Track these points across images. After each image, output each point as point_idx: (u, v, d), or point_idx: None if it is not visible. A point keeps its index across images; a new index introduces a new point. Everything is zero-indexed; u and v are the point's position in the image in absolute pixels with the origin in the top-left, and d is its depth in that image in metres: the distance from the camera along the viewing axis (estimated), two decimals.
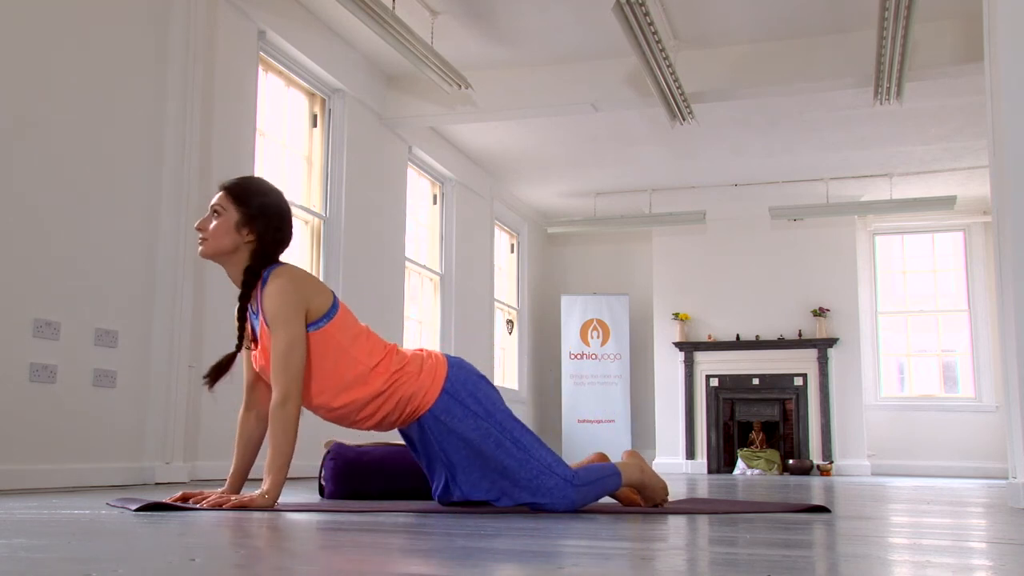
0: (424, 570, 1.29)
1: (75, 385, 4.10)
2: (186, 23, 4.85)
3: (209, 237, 2.58)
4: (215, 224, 2.58)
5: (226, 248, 2.58)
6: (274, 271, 2.55)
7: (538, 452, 2.60)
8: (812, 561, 1.49)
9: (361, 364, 2.53)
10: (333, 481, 3.38)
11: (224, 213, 2.58)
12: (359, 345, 2.55)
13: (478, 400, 2.60)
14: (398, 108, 7.33)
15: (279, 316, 2.47)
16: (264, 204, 2.60)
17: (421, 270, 8.39)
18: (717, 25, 6.36)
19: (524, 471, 2.56)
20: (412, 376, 2.56)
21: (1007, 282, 3.47)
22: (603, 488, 2.68)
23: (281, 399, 2.44)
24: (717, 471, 10.37)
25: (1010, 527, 2.39)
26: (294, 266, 2.62)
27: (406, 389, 2.55)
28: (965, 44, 6.09)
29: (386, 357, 2.57)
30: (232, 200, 2.59)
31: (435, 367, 2.61)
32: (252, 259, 2.58)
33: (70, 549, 1.49)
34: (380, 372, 2.54)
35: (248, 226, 2.58)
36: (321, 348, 2.51)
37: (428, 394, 2.57)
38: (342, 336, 2.53)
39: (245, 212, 2.57)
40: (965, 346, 10.77)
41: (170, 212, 4.70)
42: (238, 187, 2.61)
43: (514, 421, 2.64)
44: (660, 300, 10.86)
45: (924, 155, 8.88)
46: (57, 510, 2.49)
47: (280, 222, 2.63)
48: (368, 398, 2.53)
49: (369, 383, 2.52)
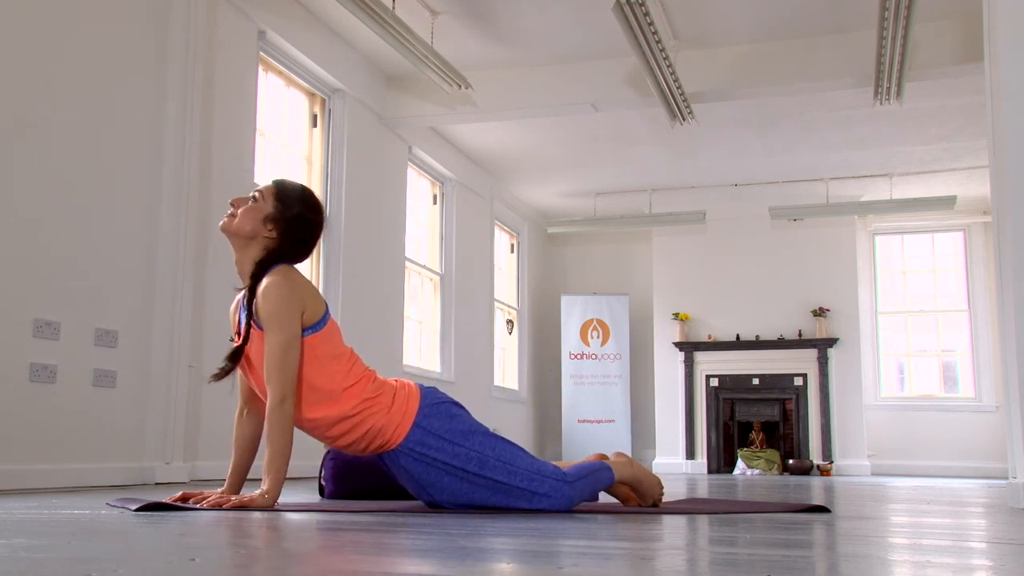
0: (424, 570, 1.29)
1: (75, 385, 4.10)
2: (186, 23, 4.85)
3: (237, 215, 2.60)
4: (247, 207, 2.60)
5: (245, 232, 2.59)
6: (275, 268, 2.55)
7: (524, 461, 2.59)
8: (812, 561, 1.49)
9: (335, 382, 2.51)
10: (333, 481, 3.38)
11: (261, 201, 2.60)
12: (338, 364, 2.53)
13: (452, 427, 2.56)
14: (398, 108, 7.33)
15: (276, 315, 2.46)
16: (300, 214, 2.62)
17: (421, 270, 8.39)
18: (717, 25, 6.36)
19: (516, 480, 2.56)
20: (383, 408, 2.52)
21: (1007, 282, 3.47)
22: (596, 482, 2.69)
23: (278, 399, 2.44)
24: (717, 471, 10.37)
25: (1010, 527, 2.39)
26: (294, 268, 2.61)
27: (375, 420, 2.51)
28: (965, 44, 6.08)
29: (361, 381, 2.54)
30: (274, 194, 2.61)
31: (407, 399, 2.56)
32: (265, 254, 2.58)
33: (70, 549, 1.49)
34: (352, 395, 2.51)
35: (275, 223, 2.59)
36: (305, 357, 2.49)
37: (399, 429, 2.53)
38: (324, 350, 2.52)
39: (280, 210, 2.59)
40: (965, 346, 10.77)
41: (170, 212, 4.70)
42: (286, 187, 2.64)
43: (493, 439, 2.61)
44: (660, 300, 10.86)
45: (924, 155, 8.88)
46: (57, 510, 2.49)
47: (306, 236, 2.64)
48: (336, 418, 2.51)
49: (339, 403, 2.50)
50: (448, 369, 8.66)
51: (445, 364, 8.66)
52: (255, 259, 2.57)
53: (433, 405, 2.59)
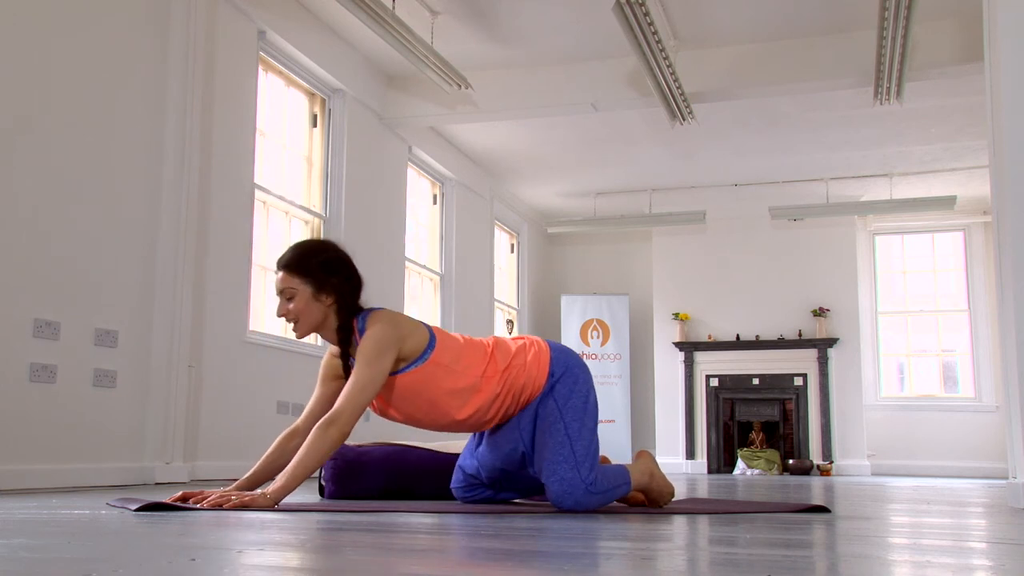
0: (424, 570, 1.29)
1: (75, 385, 4.10)
2: (186, 23, 4.85)
3: (298, 319, 2.64)
4: (294, 306, 2.63)
5: (317, 322, 2.65)
6: (369, 318, 2.63)
7: (582, 444, 2.63)
8: (812, 561, 1.49)
9: (472, 375, 2.65)
10: (333, 481, 3.38)
11: (297, 292, 2.62)
12: (464, 360, 2.66)
13: (578, 381, 2.71)
14: (398, 108, 7.33)
15: (365, 355, 2.54)
16: (325, 263, 2.66)
17: (421, 270, 8.39)
18: (717, 25, 6.36)
19: (555, 452, 2.61)
20: (519, 368, 2.69)
21: (1007, 282, 3.47)
22: (611, 499, 2.72)
23: (330, 420, 2.49)
24: (717, 471, 10.37)
25: (1010, 527, 2.39)
26: (388, 311, 2.68)
27: (517, 381, 2.68)
28: (965, 44, 6.08)
29: (491, 361, 2.68)
30: (296, 276, 2.63)
31: (539, 354, 2.72)
32: (340, 316, 2.65)
33: (70, 549, 1.49)
34: (490, 376, 2.67)
35: (323, 291, 2.63)
36: (432, 376, 2.61)
37: (537, 381, 2.69)
38: (446, 358, 2.64)
39: (313, 281, 2.62)
40: (965, 346, 10.77)
41: (170, 212, 4.69)
42: (294, 260, 2.65)
43: (594, 411, 2.73)
44: (660, 300, 10.86)
45: (924, 155, 8.87)
46: (57, 510, 2.49)
47: (347, 270, 2.70)
48: (489, 401, 2.66)
49: (483, 389, 2.66)
50: None
51: None
52: (336, 327, 2.67)
53: (563, 357, 2.74)
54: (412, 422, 2.73)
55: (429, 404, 2.65)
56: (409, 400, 2.65)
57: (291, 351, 5.98)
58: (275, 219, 6.14)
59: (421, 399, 2.65)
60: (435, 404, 2.65)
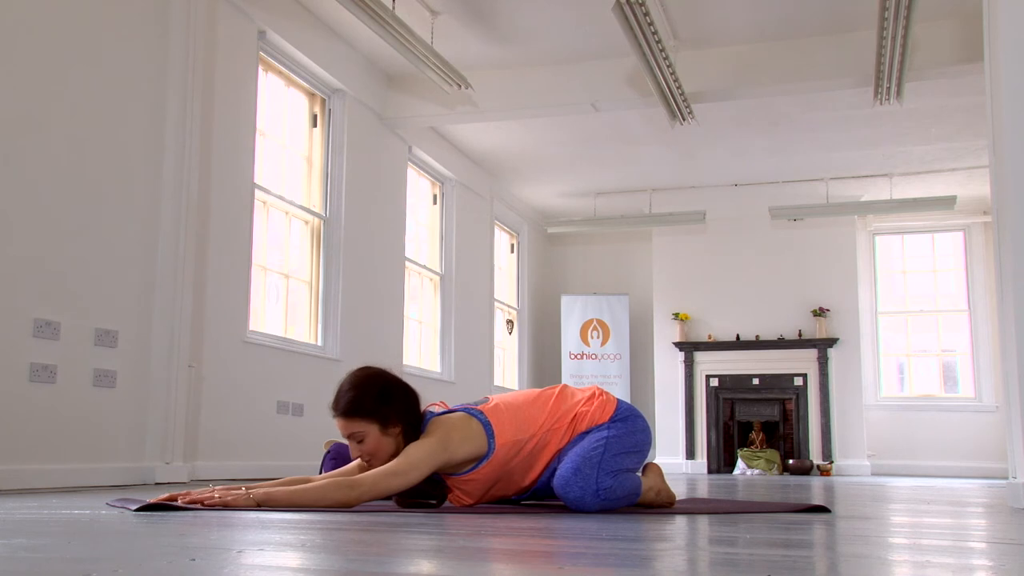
0: (424, 570, 1.29)
1: (75, 385, 4.10)
2: (186, 23, 4.85)
3: (375, 458, 2.64)
4: (366, 447, 2.63)
5: (393, 451, 2.65)
6: (429, 424, 2.66)
7: (614, 459, 2.66)
8: (812, 561, 1.49)
9: (536, 435, 2.70)
10: None
11: (365, 433, 2.63)
12: (527, 423, 2.71)
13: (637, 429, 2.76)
14: (398, 108, 7.33)
15: (412, 457, 2.55)
16: (381, 396, 2.65)
17: (421, 270, 8.39)
18: (717, 25, 6.36)
19: (587, 451, 2.64)
20: (583, 416, 2.74)
21: (1007, 282, 3.47)
22: (613, 507, 2.72)
23: (352, 484, 2.51)
24: (717, 471, 10.37)
25: (1010, 527, 2.39)
26: (446, 423, 2.67)
27: (579, 429, 2.73)
28: (965, 44, 6.08)
29: (550, 409, 2.74)
30: (359, 419, 2.63)
31: (604, 404, 2.77)
32: (407, 438, 2.67)
33: (70, 549, 1.49)
34: (556, 430, 2.71)
35: (389, 425, 2.64)
36: (505, 456, 2.66)
37: (597, 422, 2.74)
38: (513, 433, 2.68)
39: (377, 418, 2.63)
40: (965, 346, 10.77)
41: (170, 212, 4.69)
42: (351, 406, 2.63)
43: (639, 455, 2.78)
44: (660, 300, 10.86)
45: (924, 155, 8.88)
46: (57, 510, 2.49)
47: (404, 395, 2.70)
48: (555, 453, 2.71)
49: (550, 444, 2.71)
50: (448, 369, 8.67)
51: (445, 364, 8.67)
52: (406, 447, 2.67)
53: (628, 409, 2.80)
54: (499, 498, 2.81)
55: (507, 478, 2.72)
56: (489, 485, 2.72)
57: (291, 351, 5.98)
58: (275, 219, 6.15)
59: (500, 481, 2.72)
60: (512, 474, 2.71)
